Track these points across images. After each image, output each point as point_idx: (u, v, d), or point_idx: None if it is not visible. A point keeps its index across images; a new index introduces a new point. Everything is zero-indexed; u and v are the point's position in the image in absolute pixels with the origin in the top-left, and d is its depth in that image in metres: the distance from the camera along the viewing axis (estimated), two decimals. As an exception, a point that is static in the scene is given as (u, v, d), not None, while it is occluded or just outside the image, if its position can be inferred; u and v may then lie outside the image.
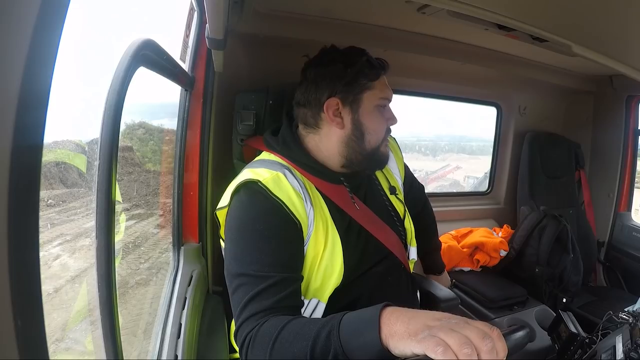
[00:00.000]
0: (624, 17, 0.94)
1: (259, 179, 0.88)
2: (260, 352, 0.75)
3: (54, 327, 0.96)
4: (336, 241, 0.94)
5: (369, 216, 1.05)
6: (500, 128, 2.49)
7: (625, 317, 0.97)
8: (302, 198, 0.91)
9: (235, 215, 0.90)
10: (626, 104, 2.34)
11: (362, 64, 0.99)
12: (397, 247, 1.09)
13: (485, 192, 2.60)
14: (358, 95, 0.99)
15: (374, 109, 1.01)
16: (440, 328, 0.56)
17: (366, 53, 1.02)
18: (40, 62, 0.29)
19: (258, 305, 0.79)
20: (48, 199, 1.12)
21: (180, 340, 1.05)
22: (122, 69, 0.66)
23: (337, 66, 0.99)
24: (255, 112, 1.25)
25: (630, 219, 2.44)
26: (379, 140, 1.03)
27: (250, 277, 0.82)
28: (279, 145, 1.03)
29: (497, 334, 0.56)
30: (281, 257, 0.84)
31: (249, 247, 0.85)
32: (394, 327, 0.61)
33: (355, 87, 0.99)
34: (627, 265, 2.37)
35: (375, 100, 1.00)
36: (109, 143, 0.62)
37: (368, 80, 0.99)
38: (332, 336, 0.66)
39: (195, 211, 1.35)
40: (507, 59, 1.87)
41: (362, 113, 1.00)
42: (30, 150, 0.31)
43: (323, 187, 1.00)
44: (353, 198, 1.03)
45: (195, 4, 1.20)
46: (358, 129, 1.00)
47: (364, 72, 0.98)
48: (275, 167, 0.95)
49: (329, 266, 0.92)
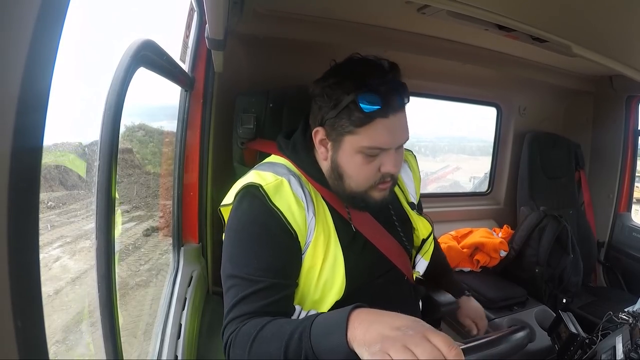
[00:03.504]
0: (624, 17, 0.94)
1: (262, 184, 0.87)
2: (240, 350, 0.75)
3: (55, 328, 0.96)
4: (338, 254, 0.91)
5: (375, 229, 1.00)
6: (500, 128, 2.49)
7: (625, 318, 0.97)
8: (304, 207, 0.88)
9: (234, 215, 0.90)
10: (626, 104, 2.34)
11: (347, 105, 0.84)
12: (401, 259, 1.04)
13: (485, 192, 2.60)
14: (339, 136, 0.88)
15: (356, 154, 0.88)
16: (394, 343, 0.55)
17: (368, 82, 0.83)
18: (40, 63, 0.29)
19: (245, 307, 0.80)
20: (48, 201, 1.12)
21: (180, 341, 1.05)
22: (122, 70, 0.66)
23: (325, 98, 0.87)
24: (255, 116, 1.25)
25: (630, 219, 2.44)
26: (363, 187, 0.92)
27: (241, 280, 0.82)
28: (289, 150, 0.99)
29: (453, 354, 0.54)
30: (274, 263, 0.84)
31: (244, 249, 0.85)
32: (356, 331, 0.61)
33: (337, 127, 0.87)
34: (627, 265, 2.37)
35: (357, 147, 0.87)
36: (109, 143, 0.62)
37: (351, 125, 0.85)
38: (303, 337, 0.67)
39: (195, 211, 1.35)
40: (507, 60, 1.87)
41: (341, 155, 0.90)
42: (30, 151, 0.31)
43: (329, 197, 0.96)
44: (349, 212, 0.96)
45: (195, 5, 1.20)
46: (335, 169, 0.92)
47: (348, 115, 0.84)
48: (282, 172, 0.93)
49: (330, 279, 0.90)
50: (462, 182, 5.81)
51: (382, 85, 0.83)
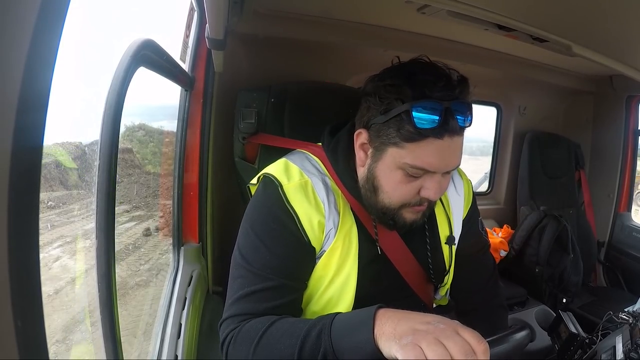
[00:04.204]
0: (624, 17, 0.94)
1: (282, 184, 0.82)
2: (243, 347, 0.73)
3: (55, 328, 0.96)
4: (352, 273, 0.84)
5: (402, 253, 0.92)
6: (500, 128, 2.49)
7: (625, 318, 0.97)
8: (325, 214, 0.82)
9: (254, 202, 0.87)
10: (626, 104, 2.34)
11: (399, 114, 0.73)
12: (422, 287, 0.96)
13: (486, 192, 2.60)
14: (383, 145, 0.77)
15: (397, 170, 0.77)
16: (425, 336, 0.55)
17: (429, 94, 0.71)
18: (40, 63, 0.29)
19: (249, 306, 0.78)
20: (48, 201, 1.12)
21: (180, 341, 1.05)
22: (122, 69, 0.66)
23: (377, 100, 0.76)
24: (257, 111, 1.25)
25: (630, 219, 2.44)
26: (397, 205, 0.81)
27: (250, 273, 0.79)
28: (329, 149, 0.90)
29: (482, 349, 0.54)
30: (285, 262, 0.80)
31: (256, 242, 0.81)
32: (384, 327, 0.61)
33: (383, 135, 0.76)
34: (627, 265, 2.37)
35: (399, 162, 0.76)
36: (109, 143, 0.62)
37: (398, 137, 0.74)
38: (323, 335, 0.65)
39: (195, 211, 1.35)
40: (507, 59, 1.87)
41: (380, 166, 0.79)
42: (30, 151, 0.31)
43: (358, 210, 0.87)
44: (376, 228, 0.88)
45: (195, 4, 1.20)
46: (371, 180, 0.82)
47: (397, 126, 0.74)
48: (311, 170, 0.87)
49: (335, 297, 0.85)
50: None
51: (444, 101, 0.71)
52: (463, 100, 0.75)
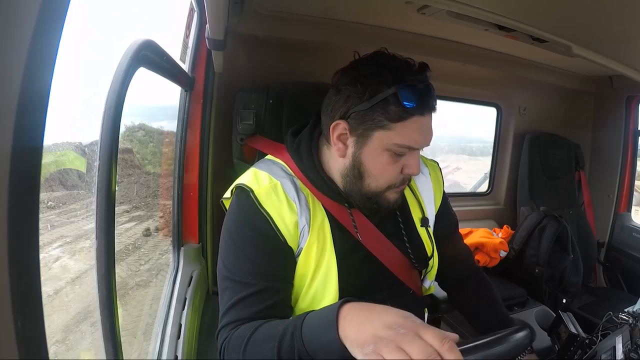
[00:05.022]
0: (624, 17, 0.94)
1: (253, 189, 0.85)
2: (233, 355, 0.76)
3: (55, 328, 0.96)
4: (331, 265, 0.87)
5: (379, 241, 0.95)
6: (500, 129, 2.49)
7: (625, 318, 0.97)
8: (297, 212, 0.85)
9: (229, 215, 0.89)
10: (626, 104, 2.34)
11: (386, 97, 0.78)
12: (407, 273, 0.99)
13: (485, 192, 2.60)
14: (368, 131, 0.82)
15: (384, 152, 0.83)
16: (387, 343, 0.55)
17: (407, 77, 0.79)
18: (40, 63, 0.29)
19: (238, 313, 0.80)
20: (48, 201, 1.12)
21: (180, 341, 1.05)
22: (122, 70, 0.66)
23: (358, 88, 0.80)
24: (255, 112, 1.25)
25: (630, 219, 2.44)
26: (382, 188, 0.87)
27: (234, 283, 0.82)
28: (292, 150, 0.93)
29: (447, 348, 0.53)
30: (266, 267, 0.83)
31: (236, 251, 0.84)
32: (347, 330, 0.61)
33: (368, 121, 0.81)
34: (627, 265, 2.36)
35: (387, 143, 0.81)
36: (109, 144, 0.62)
37: (386, 119, 0.79)
38: (295, 336, 0.67)
39: (195, 212, 1.35)
40: (507, 60, 1.87)
41: (366, 152, 0.84)
42: (30, 151, 0.31)
43: (329, 204, 0.91)
44: (354, 220, 0.92)
45: (195, 5, 1.20)
46: (356, 167, 0.86)
47: (384, 109, 0.79)
48: (278, 173, 0.90)
49: (320, 290, 0.87)
50: (465, 182, 5.78)
51: (421, 83, 0.80)
52: (429, 83, 0.83)
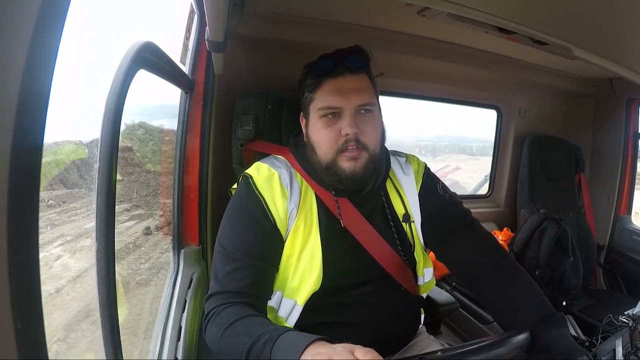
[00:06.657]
0: (625, 20, 0.94)
1: (253, 175, 0.97)
2: (216, 329, 0.82)
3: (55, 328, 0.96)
4: (316, 246, 0.95)
5: (365, 230, 1.00)
6: (500, 131, 2.49)
7: (625, 321, 0.97)
8: (287, 197, 0.96)
9: (232, 199, 1.01)
10: (626, 107, 2.34)
11: (304, 77, 0.99)
12: (397, 269, 1.02)
13: (486, 195, 2.60)
14: (307, 109, 0.99)
15: (318, 120, 0.96)
16: None
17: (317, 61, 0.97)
18: (40, 63, 0.29)
19: (228, 285, 0.88)
20: (48, 200, 1.12)
21: (180, 343, 1.05)
22: (122, 72, 0.66)
23: (299, 86, 1.02)
24: (254, 117, 1.26)
25: (630, 222, 2.43)
26: (330, 154, 0.94)
27: (226, 256, 0.91)
28: (292, 146, 1.07)
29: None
30: (255, 246, 0.92)
31: (231, 230, 0.94)
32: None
33: (304, 102, 0.99)
34: (627, 268, 2.36)
35: (316, 111, 0.96)
36: (109, 145, 0.62)
37: (309, 92, 0.97)
38: (267, 346, 0.70)
39: (195, 214, 1.34)
40: (508, 62, 1.87)
41: (310, 127, 0.99)
42: (30, 151, 0.31)
43: (320, 192, 1.01)
44: (339, 206, 0.99)
45: (196, 7, 1.20)
46: (310, 143, 0.99)
47: (306, 87, 0.98)
48: (278, 165, 1.01)
49: (307, 269, 0.94)
50: (465, 181, 5.77)
51: (333, 55, 0.95)
52: (350, 49, 0.97)
